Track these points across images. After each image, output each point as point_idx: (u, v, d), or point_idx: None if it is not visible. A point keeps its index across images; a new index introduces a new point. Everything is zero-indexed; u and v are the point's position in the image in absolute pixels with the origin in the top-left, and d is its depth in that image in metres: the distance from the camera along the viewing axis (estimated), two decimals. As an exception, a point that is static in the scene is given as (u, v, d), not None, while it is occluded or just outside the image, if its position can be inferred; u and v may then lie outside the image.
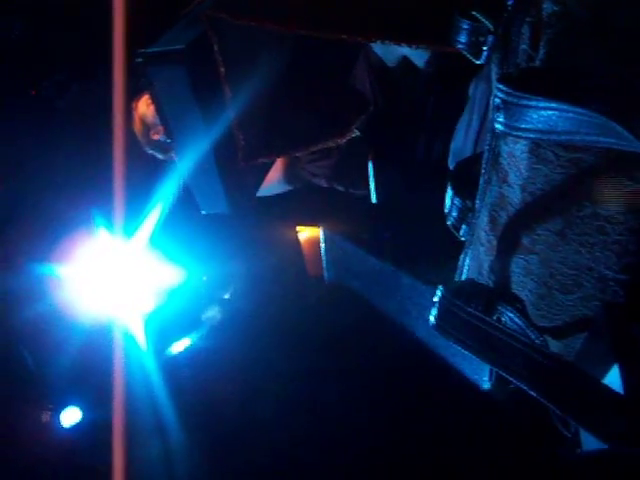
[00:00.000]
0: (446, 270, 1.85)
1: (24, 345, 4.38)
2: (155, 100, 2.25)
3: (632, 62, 0.88)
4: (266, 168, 2.71)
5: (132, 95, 2.97)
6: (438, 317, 1.08)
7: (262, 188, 2.86)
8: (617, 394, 0.89)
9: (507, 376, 0.99)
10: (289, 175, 3.09)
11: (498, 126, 0.92)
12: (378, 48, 2.74)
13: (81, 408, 4.35)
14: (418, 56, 2.71)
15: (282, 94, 2.26)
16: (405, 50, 2.73)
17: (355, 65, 2.76)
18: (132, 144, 2.97)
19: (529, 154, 0.97)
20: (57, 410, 4.37)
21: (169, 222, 3.43)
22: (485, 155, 1.12)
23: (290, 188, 3.20)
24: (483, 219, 1.13)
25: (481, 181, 1.15)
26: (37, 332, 4.28)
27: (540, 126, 0.86)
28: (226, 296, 3.98)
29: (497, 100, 0.90)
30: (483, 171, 1.13)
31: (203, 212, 2.41)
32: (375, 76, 2.76)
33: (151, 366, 3.97)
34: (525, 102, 0.86)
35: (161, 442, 3.99)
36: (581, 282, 1.00)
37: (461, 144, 1.84)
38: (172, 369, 4.24)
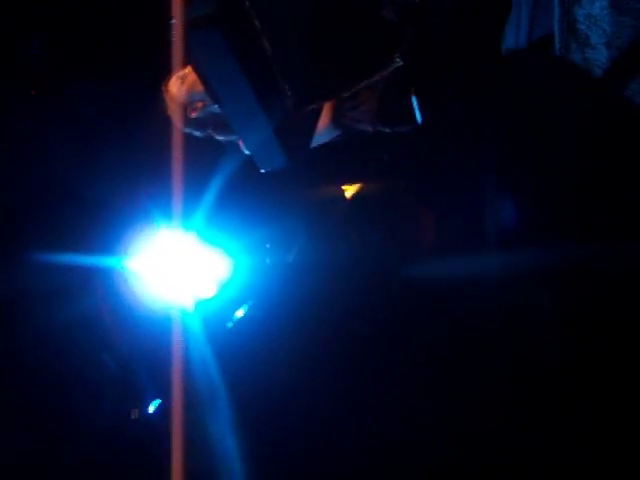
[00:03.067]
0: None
1: (97, 342, 4.43)
2: (196, 69, 2.26)
3: None
4: (315, 117, 2.72)
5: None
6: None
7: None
8: None
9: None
10: (332, 125, 3.08)
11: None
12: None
13: (163, 400, 4.40)
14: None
15: (320, 37, 2.26)
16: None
17: (380, 3, 2.74)
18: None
19: (611, 9, 0.96)
20: (144, 405, 4.43)
21: (222, 202, 3.46)
22: (556, 28, 1.11)
23: (334, 138, 3.19)
24: (570, 89, 1.12)
25: (558, 55, 1.14)
26: (103, 327, 4.33)
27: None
28: (291, 260, 4.00)
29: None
30: (559, 45, 1.13)
31: (262, 171, 2.42)
32: (399, 9, 2.73)
33: (212, 354, 4.01)
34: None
35: (219, 431, 4.03)
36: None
37: (514, 41, 1.82)
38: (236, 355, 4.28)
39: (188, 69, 2.67)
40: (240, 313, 4.16)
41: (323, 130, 3.10)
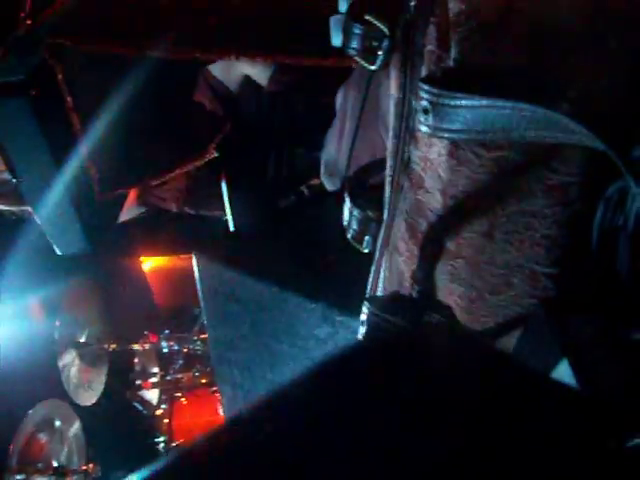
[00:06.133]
0: (333, 285, 1.82)
1: None
2: (-5, 138, 2.08)
3: (539, 58, 0.87)
4: (123, 199, 2.59)
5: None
6: (369, 334, 1.04)
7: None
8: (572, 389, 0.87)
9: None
10: (137, 201, 2.97)
11: (425, 129, 0.89)
12: (216, 70, 2.69)
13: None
14: (260, 74, 2.67)
15: (134, 122, 2.15)
16: (246, 69, 2.69)
17: (196, 90, 2.69)
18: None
19: (448, 157, 0.94)
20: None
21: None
22: (390, 162, 1.09)
23: (138, 214, 3.08)
24: (399, 228, 1.09)
25: (388, 190, 1.12)
26: None
27: (474, 126, 0.83)
28: (82, 340, 3.78)
29: (423, 103, 0.87)
30: (390, 179, 1.10)
31: (60, 253, 2.25)
32: (217, 98, 2.70)
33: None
34: (457, 102, 0.83)
35: None
36: (511, 281, 0.98)
37: (334, 154, 1.80)
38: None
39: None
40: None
41: (128, 207, 2.98)
